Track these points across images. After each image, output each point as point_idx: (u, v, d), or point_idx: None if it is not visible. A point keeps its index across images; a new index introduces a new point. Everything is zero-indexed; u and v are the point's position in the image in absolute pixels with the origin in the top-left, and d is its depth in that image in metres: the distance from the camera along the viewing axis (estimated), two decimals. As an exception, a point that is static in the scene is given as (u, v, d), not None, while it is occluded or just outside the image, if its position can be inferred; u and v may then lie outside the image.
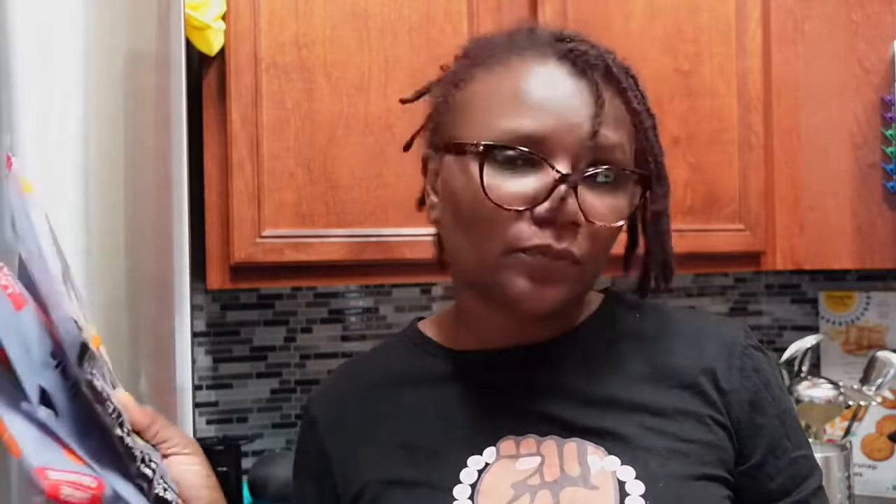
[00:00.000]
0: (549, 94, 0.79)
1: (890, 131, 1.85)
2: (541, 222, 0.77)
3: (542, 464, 0.80)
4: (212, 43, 1.53)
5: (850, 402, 1.95)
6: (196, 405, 1.45)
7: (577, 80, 0.80)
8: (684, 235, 1.83)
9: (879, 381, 1.96)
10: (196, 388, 1.48)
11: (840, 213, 1.91)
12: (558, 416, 0.83)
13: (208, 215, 1.59)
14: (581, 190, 0.78)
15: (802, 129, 1.92)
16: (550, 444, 0.82)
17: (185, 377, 1.27)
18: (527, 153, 0.78)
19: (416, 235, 1.59)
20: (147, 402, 1.27)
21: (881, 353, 1.99)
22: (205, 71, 1.58)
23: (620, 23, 1.78)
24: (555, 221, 0.77)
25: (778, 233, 1.92)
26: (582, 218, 0.78)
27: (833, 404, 1.94)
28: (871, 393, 1.95)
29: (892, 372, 1.95)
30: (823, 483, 0.90)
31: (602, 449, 0.80)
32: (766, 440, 0.85)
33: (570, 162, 0.78)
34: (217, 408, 1.94)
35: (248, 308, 1.96)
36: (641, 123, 0.84)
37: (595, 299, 0.93)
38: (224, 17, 1.54)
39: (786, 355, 2.02)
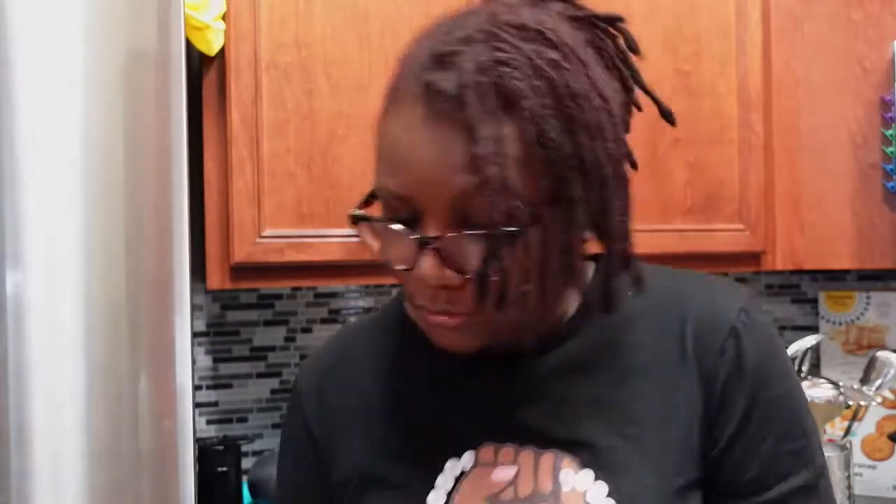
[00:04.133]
0: (408, 148, 0.71)
1: (890, 131, 1.85)
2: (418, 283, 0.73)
3: (517, 476, 0.79)
4: (212, 43, 1.53)
5: (850, 402, 1.95)
6: (196, 405, 1.45)
7: (440, 125, 0.70)
8: (684, 235, 1.83)
9: (879, 381, 1.96)
10: (196, 388, 1.48)
11: (840, 213, 1.91)
12: (538, 424, 0.80)
13: (208, 215, 1.59)
14: (452, 246, 0.71)
15: (802, 128, 1.92)
16: (528, 454, 0.80)
17: (185, 377, 1.27)
18: (397, 213, 0.73)
19: (416, 235, 1.59)
20: (147, 402, 1.28)
21: (881, 354, 1.98)
22: (205, 71, 1.58)
23: (620, 23, 1.78)
24: (423, 286, 0.73)
25: (778, 233, 1.92)
26: (454, 280, 0.72)
27: (833, 404, 1.93)
28: (871, 393, 1.95)
29: (892, 372, 1.95)
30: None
31: (577, 461, 0.78)
32: (737, 427, 0.79)
33: (440, 218, 0.71)
34: (217, 408, 1.94)
35: (248, 308, 1.96)
36: (540, 131, 0.70)
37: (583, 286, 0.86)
38: (224, 17, 1.54)
39: (786, 355, 2.02)
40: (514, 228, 0.69)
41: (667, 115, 0.85)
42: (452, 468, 0.81)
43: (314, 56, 1.59)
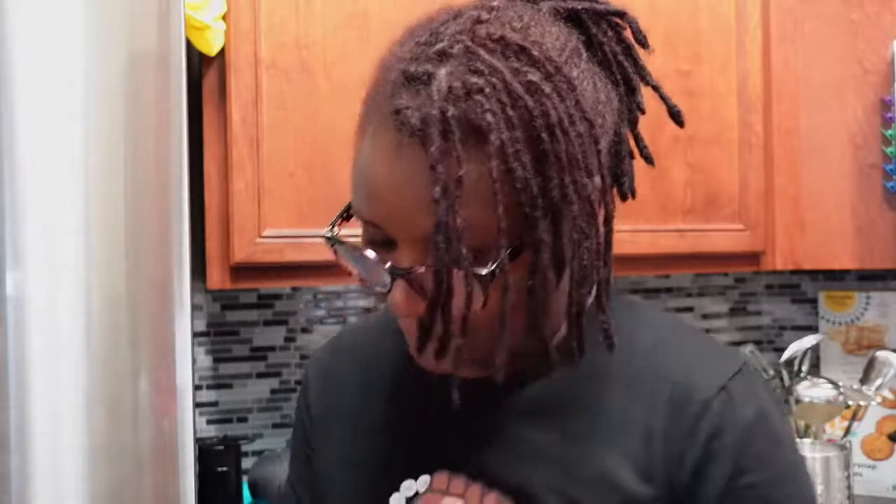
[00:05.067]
0: (378, 175, 0.69)
1: (890, 131, 1.85)
2: None
3: None
4: (212, 43, 1.53)
5: (850, 402, 1.95)
6: (196, 405, 1.45)
7: (409, 154, 0.66)
8: (684, 235, 1.83)
9: (879, 381, 1.96)
10: (196, 388, 1.48)
11: (840, 213, 1.91)
12: (487, 463, 0.78)
13: (208, 215, 1.59)
14: (425, 278, 0.68)
15: (802, 129, 1.92)
16: (475, 490, 0.78)
17: (185, 377, 1.27)
18: (366, 241, 0.72)
19: (416, 235, 1.59)
20: (147, 402, 1.28)
21: (881, 353, 1.99)
22: (205, 71, 1.58)
23: (620, 23, 1.78)
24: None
25: (778, 233, 1.92)
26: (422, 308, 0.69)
27: (833, 404, 1.94)
28: (870, 393, 1.95)
29: (891, 372, 1.96)
30: (822, 484, 0.82)
31: None
32: None
33: (412, 249, 0.68)
34: (217, 408, 1.94)
35: (248, 308, 1.96)
36: (495, 190, 0.65)
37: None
38: (224, 17, 1.54)
39: (786, 355, 2.02)
40: (475, 270, 0.65)
41: (675, 116, 0.81)
42: (407, 489, 0.80)
43: (314, 56, 1.59)
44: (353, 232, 0.76)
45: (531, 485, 0.77)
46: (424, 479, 0.81)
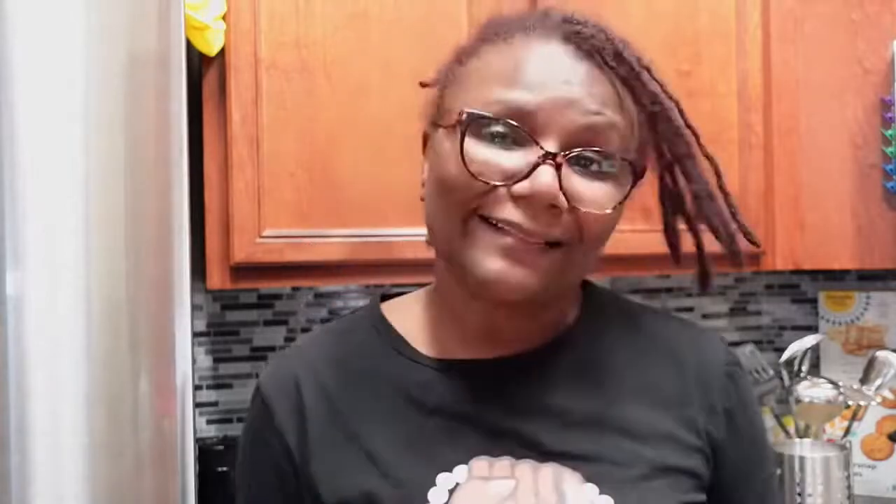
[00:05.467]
0: (545, 70, 0.77)
1: (890, 131, 1.85)
2: (519, 201, 0.74)
3: (515, 489, 0.76)
4: (212, 43, 1.53)
5: (850, 402, 1.95)
6: (196, 405, 1.45)
7: (578, 61, 0.78)
8: (684, 235, 1.83)
9: (879, 381, 1.96)
10: (196, 388, 1.48)
11: (840, 213, 1.91)
12: (536, 437, 0.79)
13: (208, 215, 1.59)
14: (567, 172, 0.75)
15: (802, 129, 1.92)
16: (525, 467, 0.78)
17: (185, 377, 1.27)
18: (512, 127, 0.75)
19: (416, 235, 1.58)
20: (147, 402, 1.28)
21: (881, 353, 1.99)
22: (205, 71, 1.58)
23: (620, 23, 1.77)
24: (533, 201, 0.74)
25: (778, 233, 1.92)
26: (564, 201, 0.74)
27: (833, 404, 1.94)
28: (870, 393, 1.95)
29: (891, 372, 1.95)
30: (822, 484, 0.91)
31: (579, 475, 0.77)
32: (741, 463, 0.86)
33: (560, 141, 0.75)
34: (217, 408, 1.94)
35: (248, 308, 1.96)
36: (659, 104, 0.83)
37: (577, 299, 0.89)
38: (224, 17, 1.54)
39: (786, 355, 2.02)
40: (617, 167, 0.78)
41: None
42: (445, 482, 0.78)
43: (314, 56, 1.59)
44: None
45: (591, 448, 0.79)
46: (461, 469, 0.79)
